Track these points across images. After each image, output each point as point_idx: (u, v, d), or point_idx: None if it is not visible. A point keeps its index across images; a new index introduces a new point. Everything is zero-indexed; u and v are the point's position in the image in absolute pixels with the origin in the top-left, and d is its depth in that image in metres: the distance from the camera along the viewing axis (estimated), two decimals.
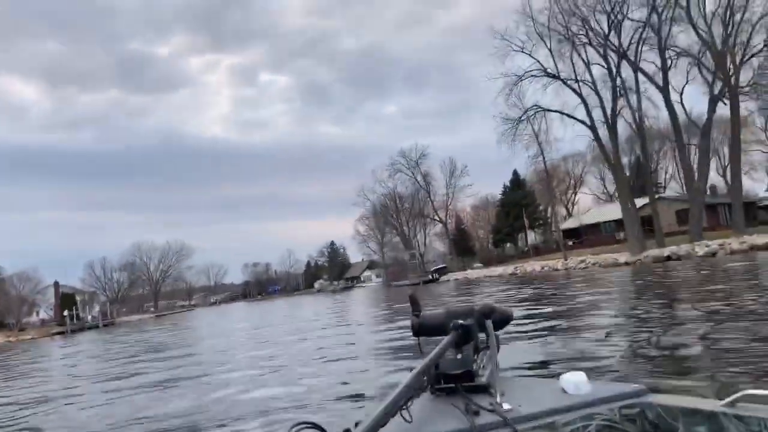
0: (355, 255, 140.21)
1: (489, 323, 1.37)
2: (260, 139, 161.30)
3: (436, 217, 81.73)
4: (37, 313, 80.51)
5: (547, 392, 1.31)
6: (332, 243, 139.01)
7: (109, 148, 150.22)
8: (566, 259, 44.45)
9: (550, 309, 14.03)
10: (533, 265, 46.54)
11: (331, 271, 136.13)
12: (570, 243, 58.77)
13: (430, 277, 62.76)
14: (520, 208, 64.40)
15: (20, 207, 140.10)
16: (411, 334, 1.46)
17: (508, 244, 72.42)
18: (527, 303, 17.01)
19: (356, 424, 0.87)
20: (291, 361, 10.44)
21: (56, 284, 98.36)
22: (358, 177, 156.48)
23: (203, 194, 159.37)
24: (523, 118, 42.96)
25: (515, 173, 68.07)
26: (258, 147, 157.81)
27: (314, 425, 0.95)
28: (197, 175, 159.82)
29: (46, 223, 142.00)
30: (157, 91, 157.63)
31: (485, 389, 1.29)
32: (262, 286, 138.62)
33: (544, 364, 6.75)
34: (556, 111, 43.14)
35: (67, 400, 9.44)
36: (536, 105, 42.88)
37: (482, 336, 1.41)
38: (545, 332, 9.47)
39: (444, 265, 65.10)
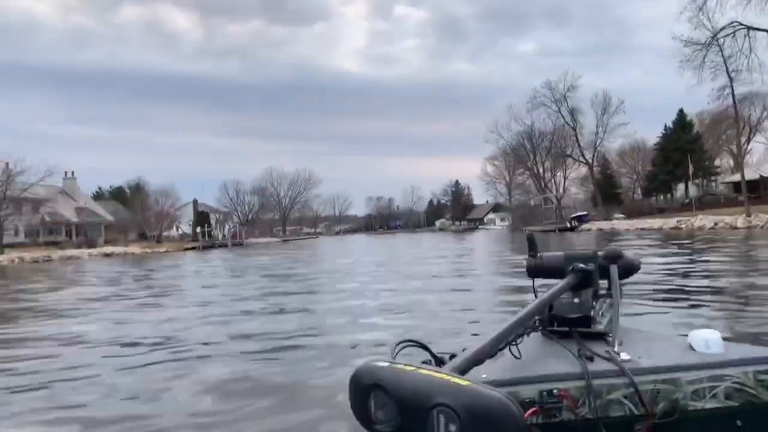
0: (479, 196, 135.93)
1: (614, 269, 1.28)
2: (391, 74, 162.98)
3: (582, 159, 72.52)
4: (177, 228, 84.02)
5: (672, 347, 1.20)
6: (456, 182, 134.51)
7: (251, 78, 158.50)
8: (749, 215, 36.59)
9: None
10: (702, 220, 39.03)
11: (453, 210, 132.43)
12: (743, 197, 49.73)
13: (568, 225, 56.36)
14: (683, 154, 55.13)
15: (168, 129, 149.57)
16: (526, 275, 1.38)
17: (661, 196, 63.62)
18: None
19: (463, 350, 0.85)
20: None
21: (195, 202, 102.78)
22: (488, 116, 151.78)
23: (333, 127, 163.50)
24: (719, 37, 34.71)
25: (681, 113, 58.67)
26: (388, 82, 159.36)
27: (419, 344, 0.95)
28: (328, 108, 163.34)
29: (190, 146, 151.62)
30: (296, 22, 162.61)
31: (602, 337, 1.22)
32: (383, 221, 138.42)
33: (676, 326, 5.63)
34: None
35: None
36: (736, 22, 34.39)
37: (603, 283, 1.33)
38: None
39: (585, 213, 58.16)
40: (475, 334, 5.55)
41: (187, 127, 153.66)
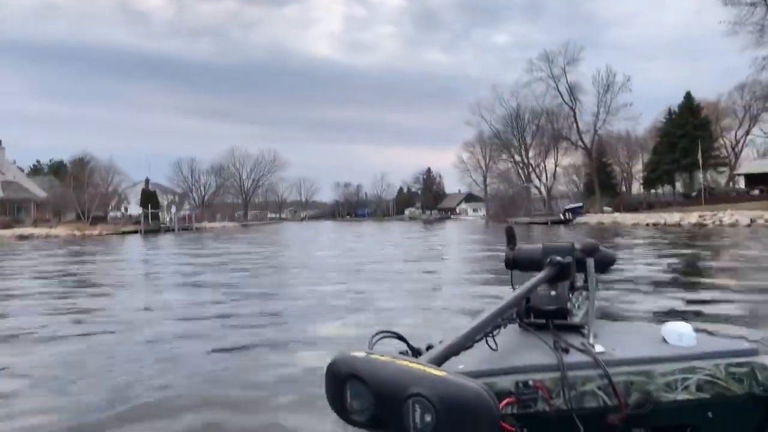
0: (451, 186, 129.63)
1: (590, 262, 1.27)
2: (365, 60, 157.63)
3: (580, 143, 63.86)
4: (126, 209, 74.49)
5: (645, 340, 1.20)
6: (428, 170, 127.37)
7: (221, 59, 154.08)
8: None
9: None
10: (733, 216, 32.40)
11: (424, 199, 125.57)
12: (756, 191, 43.74)
13: (562, 217, 49.54)
14: (691, 141, 49.14)
15: (134, 108, 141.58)
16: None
17: (665, 187, 57.23)
18: None
19: (440, 342, 0.85)
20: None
21: (147, 181, 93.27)
22: (462, 107, 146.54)
23: (303, 112, 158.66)
24: None
25: (688, 96, 52.20)
26: (362, 69, 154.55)
27: (397, 335, 0.95)
28: (299, 93, 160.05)
29: (156, 126, 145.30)
30: (270, 2, 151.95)
31: (577, 329, 1.22)
32: (351, 208, 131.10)
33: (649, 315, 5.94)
34: None
35: None
36: None
37: (580, 276, 1.33)
38: None
39: (580, 204, 51.26)
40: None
41: (153, 107, 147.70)
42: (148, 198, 59.98)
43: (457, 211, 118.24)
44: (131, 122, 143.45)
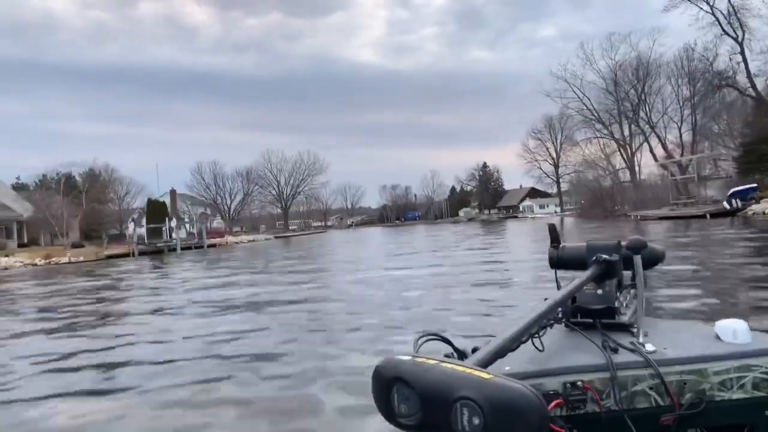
0: (510, 182, 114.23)
1: (637, 259, 1.20)
2: (409, 63, 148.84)
3: (750, 92, 43.72)
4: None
5: (697, 337, 1.14)
6: (484, 165, 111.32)
7: (267, 72, 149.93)
8: None
9: None
10: None
11: (481, 197, 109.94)
12: None
13: (727, 206, 33.15)
14: None
15: (183, 124, 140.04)
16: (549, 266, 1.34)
17: None
18: None
19: (486, 344, 0.83)
20: None
21: (173, 193, 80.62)
22: (506, 106, 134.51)
23: (346, 119, 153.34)
24: None
25: None
26: (406, 72, 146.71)
27: (442, 338, 0.94)
28: (342, 101, 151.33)
29: (204, 141, 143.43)
30: (313, 13, 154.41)
31: (626, 328, 1.16)
32: (400, 211, 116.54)
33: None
34: None
35: None
36: None
37: (627, 274, 1.27)
38: None
39: (753, 185, 34.63)
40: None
41: (199, 123, 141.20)
42: (156, 211, 46.56)
43: (521, 208, 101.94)
44: (178, 139, 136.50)
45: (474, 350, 0.84)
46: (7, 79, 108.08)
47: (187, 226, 45.89)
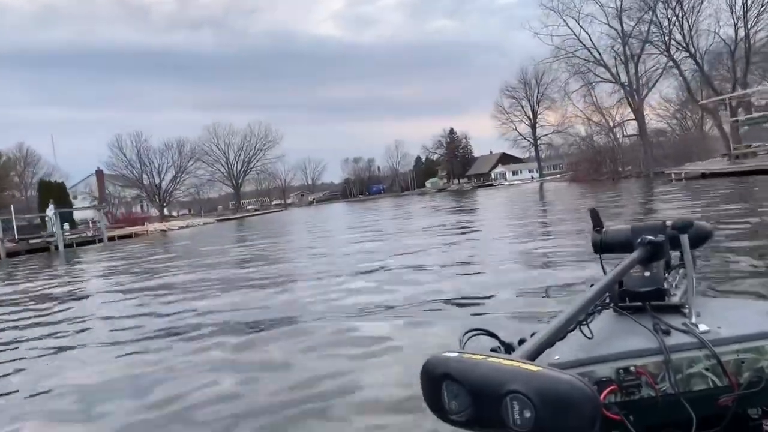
0: (480, 149, 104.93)
1: (684, 238, 1.15)
2: (369, 36, 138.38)
3: None
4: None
5: (752, 314, 1.07)
6: (451, 131, 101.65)
7: (224, 50, 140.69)
8: None
9: None
10: None
11: (450, 166, 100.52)
12: None
13: None
14: None
15: (143, 106, 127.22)
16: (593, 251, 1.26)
17: None
18: None
19: (532, 335, 0.81)
20: None
21: (99, 174, 68.14)
22: (468, 76, 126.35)
23: (307, 95, 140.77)
24: None
25: None
26: (365, 45, 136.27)
27: (487, 332, 0.90)
28: (303, 76, 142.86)
29: (161, 122, 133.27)
30: None
31: (677, 309, 1.11)
32: (363, 185, 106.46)
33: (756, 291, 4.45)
34: None
35: None
36: None
37: (675, 254, 1.22)
38: None
39: None
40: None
41: (157, 104, 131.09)
42: (52, 196, 34.98)
43: (493, 176, 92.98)
44: (135, 122, 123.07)
45: (521, 342, 0.82)
46: None
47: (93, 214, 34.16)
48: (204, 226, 48.02)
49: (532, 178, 76.84)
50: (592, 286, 0.99)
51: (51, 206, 27.49)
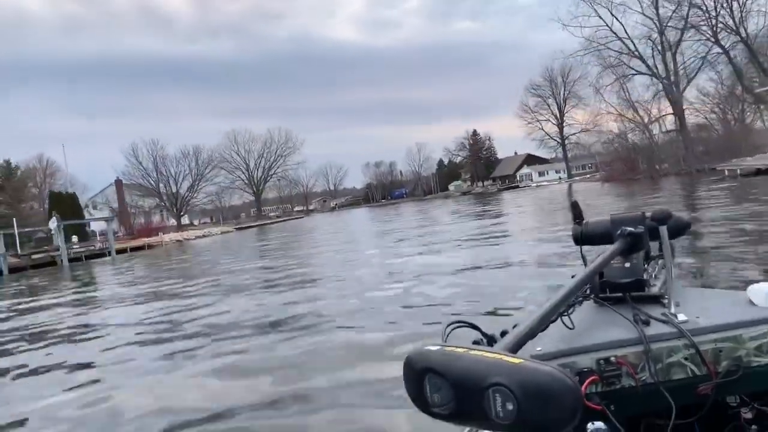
0: (504, 151, 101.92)
1: (663, 229, 1.18)
2: (390, 39, 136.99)
3: None
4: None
5: (729, 304, 1.10)
6: (474, 132, 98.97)
7: (245, 57, 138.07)
8: None
9: None
10: None
11: (473, 168, 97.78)
12: None
13: None
14: None
15: (167, 115, 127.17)
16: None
17: None
18: None
19: (514, 326, 0.81)
20: None
21: (118, 184, 67.34)
22: (490, 77, 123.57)
23: (329, 99, 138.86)
24: None
25: None
26: (386, 48, 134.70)
27: (470, 324, 0.90)
28: (323, 81, 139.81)
29: (184, 131, 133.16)
30: None
31: (657, 300, 1.12)
32: (385, 190, 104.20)
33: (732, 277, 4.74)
34: None
35: None
36: None
37: (654, 245, 1.24)
38: None
39: None
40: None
41: (181, 112, 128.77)
42: (60, 206, 33.67)
43: (518, 177, 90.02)
44: (154, 131, 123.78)
45: (503, 334, 0.81)
46: None
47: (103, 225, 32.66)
48: (221, 235, 46.47)
49: (560, 178, 73.83)
50: (573, 277, 0.99)
51: (53, 219, 25.97)
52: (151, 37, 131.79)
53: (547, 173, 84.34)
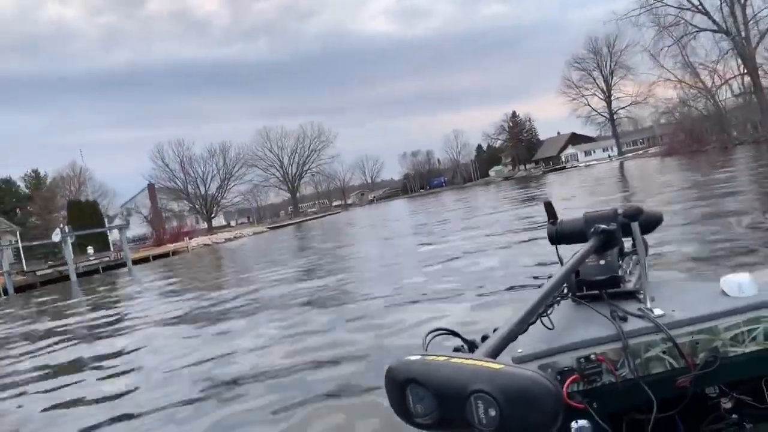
0: (544, 133, 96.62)
1: (635, 226, 1.19)
2: (422, 28, 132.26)
3: None
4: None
5: (704, 296, 1.11)
6: (514, 114, 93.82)
7: (279, 56, 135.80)
8: None
9: None
10: None
11: (514, 151, 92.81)
12: None
13: None
14: None
15: (205, 119, 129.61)
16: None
17: None
18: None
19: (495, 330, 0.81)
20: None
21: (151, 188, 65.90)
22: (525, 59, 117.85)
23: (362, 92, 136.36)
24: None
25: None
26: (419, 37, 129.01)
27: (450, 331, 0.91)
28: (355, 75, 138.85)
29: (221, 134, 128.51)
30: None
31: (632, 295, 1.14)
32: (423, 179, 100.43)
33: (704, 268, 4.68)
34: None
35: None
36: None
37: (627, 241, 1.26)
38: None
39: None
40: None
41: (219, 115, 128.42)
42: (79, 215, 31.55)
43: (563, 159, 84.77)
44: (188, 135, 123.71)
45: (483, 339, 0.81)
46: (26, 94, 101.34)
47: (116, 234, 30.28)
48: (253, 236, 43.97)
49: (609, 157, 68.50)
50: (550, 278, 0.99)
51: (57, 230, 23.58)
52: (184, 43, 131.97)
53: (594, 152, 78.88)
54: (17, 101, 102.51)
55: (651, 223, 1.24)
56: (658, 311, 1.03)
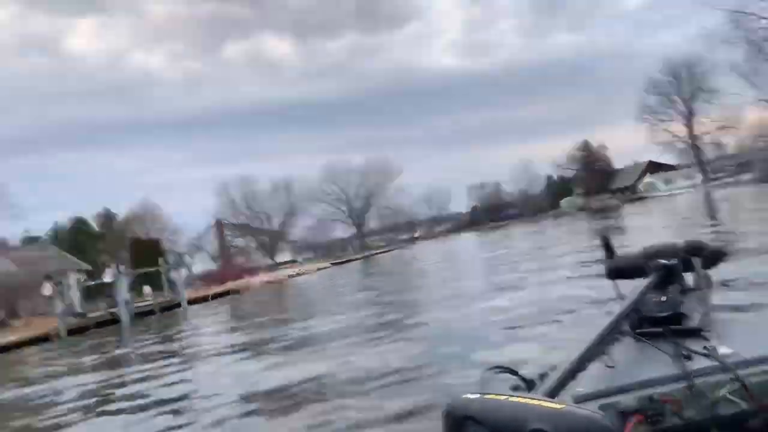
0: (617, 161, 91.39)
1: (697, 261, 1.15)
2: (487, 62, 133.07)
3: None
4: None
5: None
6: (586, 143, 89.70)
7: (347, 93, 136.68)
8: None
9: None
10: None
11: (586, 181, 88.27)
12: None
13: None
14: None
15: (277, 159, 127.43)
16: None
17: None
18: None
19: (552, 368, 0.83)
20: None
21: (219, 224, 67.04)
22: (595, 88, 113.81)
23: (428, 127, 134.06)
24: None
25: None
26: (485, 71, 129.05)
27: (508, 369, 0.90)
28: (422, 110, 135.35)
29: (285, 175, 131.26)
30: (389, 27, 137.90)
31: (697, 333, 1.07)
32: (491, 211, 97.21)
33: None
34: None
35: None
36: None
37: (689, 276, 1.20)
38: None
39: None
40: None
41: (287, 155, 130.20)
42: (142, 253, 31.92)
43: (640, 188, 79.49)
44: (262, 170, 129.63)
45: (542, 377, 0.81)
46: (115, 137, 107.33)
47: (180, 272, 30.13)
48: (316, 273, 43.20)
49: (693, 186, 63.22)
50: (608, 314, 0.98)
51: (108, 270, 23.43)
52: (256, 84, 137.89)
53: (674, 181, 73.36)
54: (94, 141, 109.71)
55: (714, 257, 1.18)
56: (724, 350, 0.98)
